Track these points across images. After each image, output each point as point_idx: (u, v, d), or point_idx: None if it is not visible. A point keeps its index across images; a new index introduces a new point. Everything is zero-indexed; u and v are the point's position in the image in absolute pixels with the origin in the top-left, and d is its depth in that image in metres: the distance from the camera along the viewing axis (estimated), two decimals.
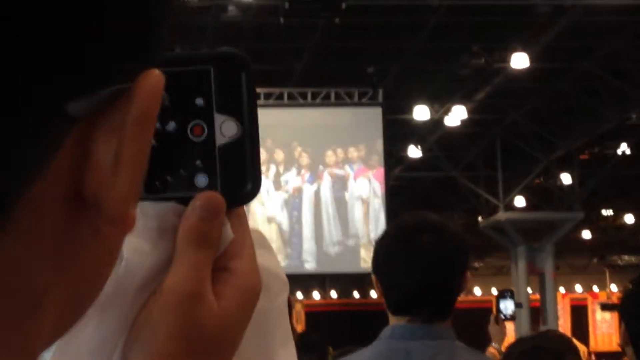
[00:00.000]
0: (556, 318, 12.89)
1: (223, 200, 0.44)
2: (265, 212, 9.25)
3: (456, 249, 1.78)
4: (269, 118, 8.82)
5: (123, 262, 0.45)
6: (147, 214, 0.45)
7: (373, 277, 1.84)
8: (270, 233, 8.78)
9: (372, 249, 1.99)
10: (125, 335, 0.46)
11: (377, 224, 8.88)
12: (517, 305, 8.80)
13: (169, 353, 0.44)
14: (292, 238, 9.26)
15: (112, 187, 0.28)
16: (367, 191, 9.33)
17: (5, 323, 0.27)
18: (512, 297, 7.02)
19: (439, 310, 1.78)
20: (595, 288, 17.28)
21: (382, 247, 1.84)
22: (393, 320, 1.83)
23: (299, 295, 14.06)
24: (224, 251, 0.46)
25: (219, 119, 0.44)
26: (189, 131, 0.44)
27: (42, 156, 0.26)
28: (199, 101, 0.44)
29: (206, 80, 0.44)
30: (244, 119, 0.45)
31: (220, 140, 0.45)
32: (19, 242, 0.27)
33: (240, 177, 0.45)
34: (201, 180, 0.45)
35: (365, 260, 8.82)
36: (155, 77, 0.29)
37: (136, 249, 0.45)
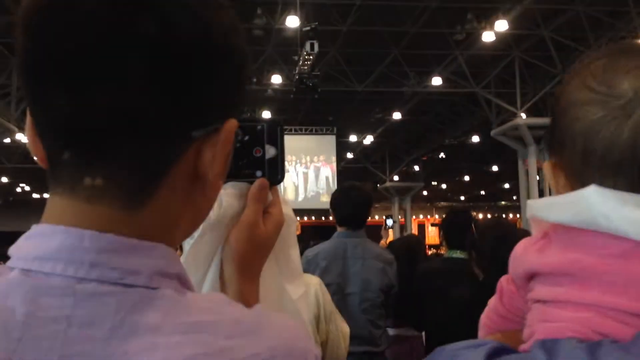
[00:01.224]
0: (411, 229, 20.99)
1: (267, 182, 0.75)
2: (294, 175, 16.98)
3: (367, 198, 3.11)
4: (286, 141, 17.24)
5: (223, 207, 0.75)
6: (234, 186, 0.75)
7: (330, 210, 3.12)
8: (287, 189, 16.59)
9: (329, 197, 3.42)
10: (223, 242, 0.76)
11: (332, 187, 16.42)
12: (394, 222, 16.59)
13: (243, 249, 0.74)
14: (297, 190, 17.29)
15: (211, 170, 0.52)
16: (328, 172, 17.31)
17: (166, 229, 0.52)
18: (391, 218, 14.95)
19: (358, 225, 3.08)
20: (428, 216, 26.85)
21: (334, 196, 3.15)
22: (339, 229, 3.09)
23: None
24: (268, 205, 0.76)
25: (267, 146, 0.74)
26: (254, 152, 0.74)
27: (179, 153, 0.51)
28: (259, 139, 0.75)
29: (262, 129, 0.75)
30: (278, 147, 0.75)
31: (267, 155, 0.74)
32: (168, 195, 0.51)
33: (275, 172, 0.75)
34: (258, 173, 0.75)
35: (324, 202, 16.48)
36: (232, 122, 0.53)
37: (228, 201, 0.75)
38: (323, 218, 22.21)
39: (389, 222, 14.29)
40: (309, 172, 17.48)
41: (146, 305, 0.46)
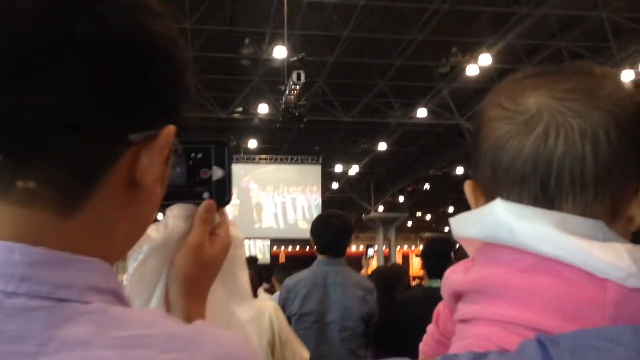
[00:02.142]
0: (395, 260, 20.36)
1: (214, 204, 0.76)
2: (270, 207, 17.04)
3: (347, 226, 3.13)
4: (271, 170, 17.06)
5: (169, 228, 0.75)
6: (181, 207, 0.76)
7: (310, 237, 3.12)
8: (268, 217, 16.91)
9: (308, 225, 3.62)
10: (169, 264, 0.75)
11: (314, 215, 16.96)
12: (375, 251, 16.70)
13: (188, 271, 0.74)
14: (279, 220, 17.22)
15: (148, 175, 0.52)
16: (311, 201, 16.95)
17: (102, 238, 0.51)
18: (372, 247, 15.22)
19: (339, 252, 3.08)
20: (413, 247, 26.39)
21: (315, 224, 3.14)
22: (319, 256, 3.07)
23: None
24: (214, 226, 0.77)
25: (215, 168, 0.75)
26: (201, 173, 0.75)
27: (115, 157, 0.50)
28: (207, 160, 0.75)
29: (210, 150, 0.75)
30: (225, 168, 0.76)
31: (215, 177, 0.75)
32: (104, 200, 0.50)
33: (223, 194, 0.76)
34: (205, 195, 0.76)
35: (303, 230, 15.89)
36: (170, 128, 0.53)
37: (174, 223, 0.76)
38: (307, 248, 22.10)
39: (370, 251, 14.35)
40: (286, 201, 17.39)
41: (77, 319, 0.44)
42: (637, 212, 0.59)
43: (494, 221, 0.57)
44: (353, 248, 21.82)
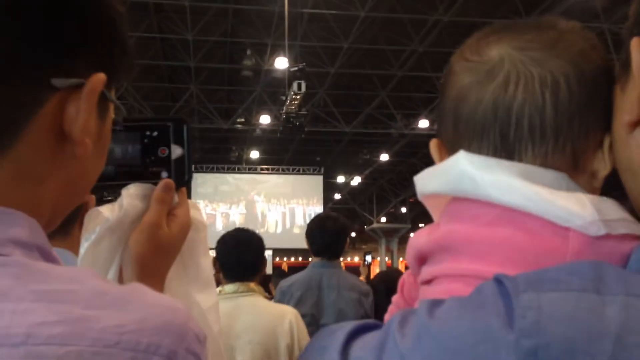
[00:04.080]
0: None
1: (173, 183, 0.74)
2: (273, 216, 16.95)
3: (342, 228, 3.06)
4: (274, 182, 17.07)
5: (124, 208, 0.72)
6: (138, 187, 0.73)
7: (306, 239, 3.09)
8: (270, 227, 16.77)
9: (303, 229, 3.92)
10: (123, 245, 0.72)
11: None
12: (373, 258, 16.24)
13: (142, 252, 0.71)
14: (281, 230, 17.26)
15: (75, 125, 0.49)
16: (311, 210, 16.85)
17: (30, 190, 0.48)
18: (369, 254, 14.93)
19: (334, 255, 3.05)
20: None
21: (310, 226, 3.11)
22: (314, 259, 3.07)
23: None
24: (173, 206, 0.74)
25: (173, 146, 0.73)
26: (159, 151, 0.72)
27: (38, 104, 0.47)
28: (165, 138, 0.73)
29: (168, 128, 0.73)
30: (184, 146, 0.73)
31: (174, 155, 0.73)
32: (30, 150, 0.47)
33: (182, 173, 0.74)
34: (164, 174, 0.73)
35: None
36: (98, 76, 0.49)
37: (130, 202, 0.72)
38: (310, 259, 21.99)
39: (368, 258, 14.16)
40: (287, 211, 17.40)
41: None
42: (600, 166, 0.57)
43: (457, 173, 0.56)
44: (356, 259, 21.76)
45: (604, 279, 0.45)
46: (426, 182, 0.60)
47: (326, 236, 3.04)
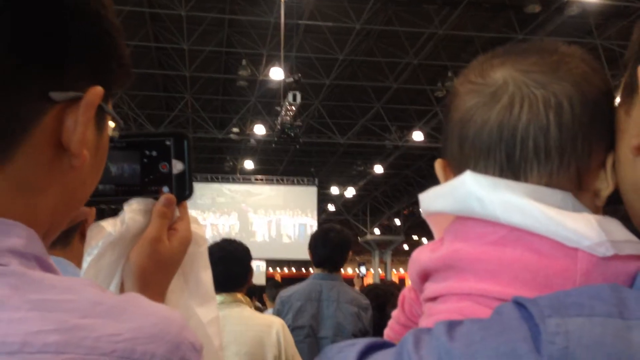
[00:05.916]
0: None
1: (174, 198, 0.74)
2: (266, 226, 16.72)
3: (345, 240, 3.09)
4: (267, 193, 17.00)
5: (125, 222, 0.72)
6: (140, 202, 0.74)
7: (308, 250, 3.11)
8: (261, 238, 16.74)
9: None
10: (124, 259, 0.73)
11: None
12: (367, 269, 16.29)
13: (143, 266, 0.71)
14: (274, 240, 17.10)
15: (73, 137, 0.49)
16: (305, 221, 16.89)
17: (27, 203, 0.48)
18: (363, 265, 14.84)
19: (335, 267, 3.07)
20: None
21: (313, 237, 3.14)
22: (315, 270, 3.11)
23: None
24: (174, 221, 0.75)
25: (174, 161, 0.74)
26: (160, 167, 0.73)
27: (36, 117, 0.48)
28: (166, 153, 0.73)
29: (169, 144, 0.74)
30: (185, 161, 0.74)
31: (175, 171, 0.74)
32: (28, 162, 0.48)
33: (183, 188, 0.75)
34: (165, 189, 0.74)
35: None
36: (96, 89, 0.50)
37: (132, 217, 0.73)
38: (303, 270, 21.99)
39: (363, 269, 14.22)
40: (281, 220, 17.34)
41: None
42: (603, 185, 0.58)
43: (464, 193, 0.56)
44: (349, 271, 21.71)
45: (626, 303, 0.45)
46: (432, 200, 0.61)
47: (328, 247, 3.05)
